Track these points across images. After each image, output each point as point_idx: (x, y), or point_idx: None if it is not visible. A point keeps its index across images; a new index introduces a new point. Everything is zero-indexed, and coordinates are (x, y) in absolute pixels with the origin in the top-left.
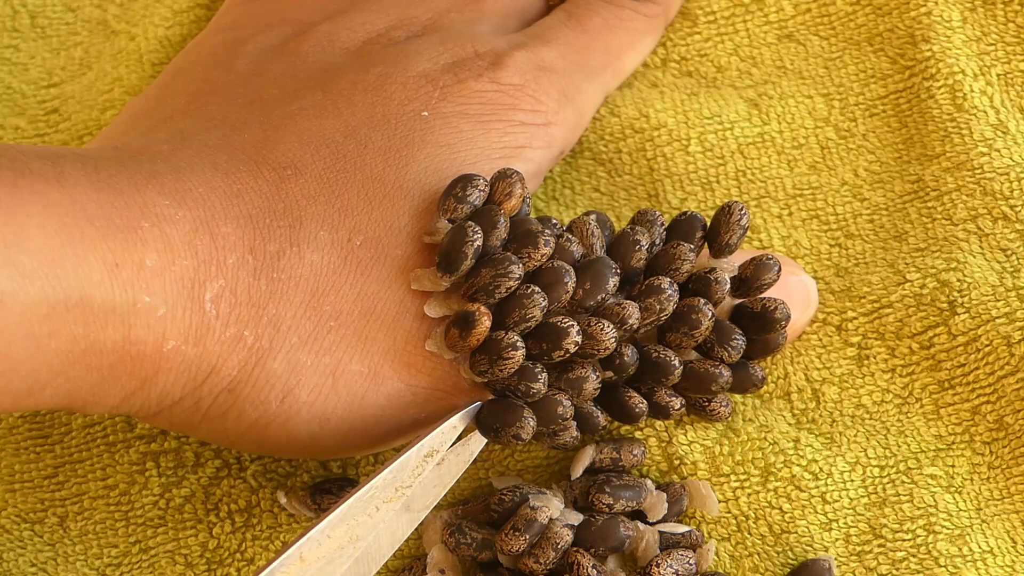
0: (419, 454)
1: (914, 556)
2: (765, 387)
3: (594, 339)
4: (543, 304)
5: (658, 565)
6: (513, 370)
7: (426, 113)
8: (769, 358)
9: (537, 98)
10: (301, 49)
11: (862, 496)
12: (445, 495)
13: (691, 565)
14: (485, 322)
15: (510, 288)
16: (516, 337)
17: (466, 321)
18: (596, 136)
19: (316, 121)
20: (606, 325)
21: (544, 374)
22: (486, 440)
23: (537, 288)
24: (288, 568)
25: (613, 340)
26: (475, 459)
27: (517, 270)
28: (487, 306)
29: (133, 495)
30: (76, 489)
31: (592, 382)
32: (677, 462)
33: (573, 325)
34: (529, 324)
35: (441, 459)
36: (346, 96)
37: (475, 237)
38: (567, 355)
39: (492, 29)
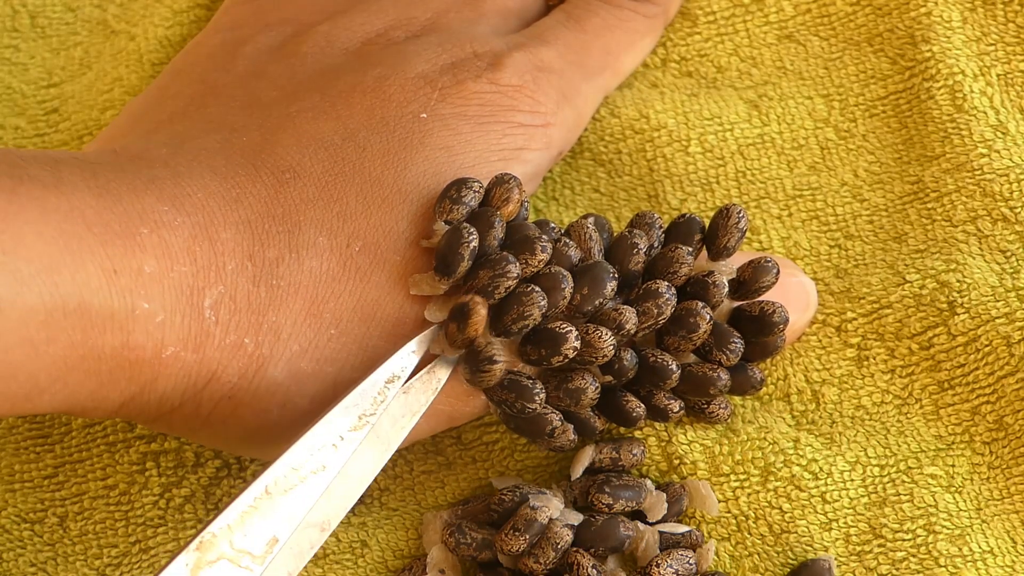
0: (380, 379)
1: (914, 556)
2: (765, 389)
3: (592, 346)
4: (542, 303)
5: (658, 565)
6: (492, 382)
7: (425, 115)
8: (768, 360)
9: (536, 99)
10: (300, 50)
11: (862, 496)
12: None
13: (691, 565)
14: (481, 311)
15: (509, 288)
16: (494, 350)
17: (461, 313)
18: (596, 137)
19: (314, 124)
20: (604, 332)
21: (541, 394)
22: (451, 368)
23: (537, 287)
24: (255, 503)
25: (611, 347)
26: (474, 459)
27: (515, 269)
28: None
29: (133, 495)
30: (76, 489)
31: (591, 392)
32: (677, 462)
33: (571, 331)
34: (527, 323)
35: (407, 387)
36: (344, 98)
37: (470, 238)
38: (565, 360)
39: (491, 30)
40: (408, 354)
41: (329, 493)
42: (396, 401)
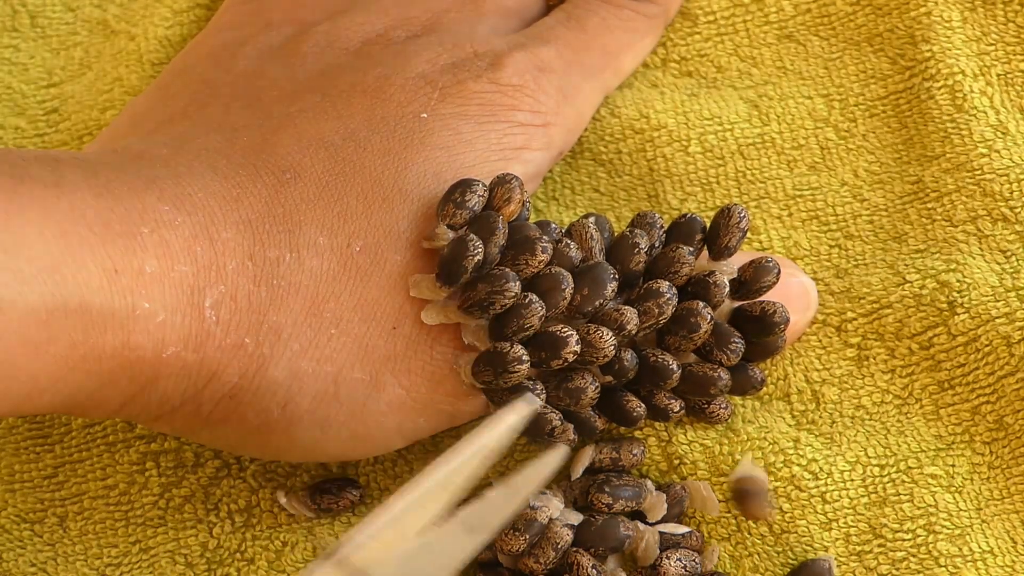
0: (476, 456)
1: (914, 556)
2: (765, 388)
3: (593, 347)
4: (541, 313)
5: (668, 558)
6: (518, 382)
7: (425, 115)
8: (768, 360)
9: (536, 99)
10: (300, 50)
11: (862, 496)
12: None
13: (696, 564)
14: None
15: (505, 305)
16: (521, 350)
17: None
18: (596, 136)
19: (315, 123)
20: (605, 332)
21: (542, 395)
22: (560, 461)
23: (535, 297)
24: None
25: (612, 347)
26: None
27: (513, 287)
28: (484, 319)
29: (133, 495)
30: (76, 489)
31: (591, 392)
32: (677, 462)
33: (572, 335)
34: (528, 332)
35: (511, 480)
36: (345, 98)
37: (476, 251)
38: (565, 364)
39: (491, 29)
40: (505, 428)
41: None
42: (499, 491)
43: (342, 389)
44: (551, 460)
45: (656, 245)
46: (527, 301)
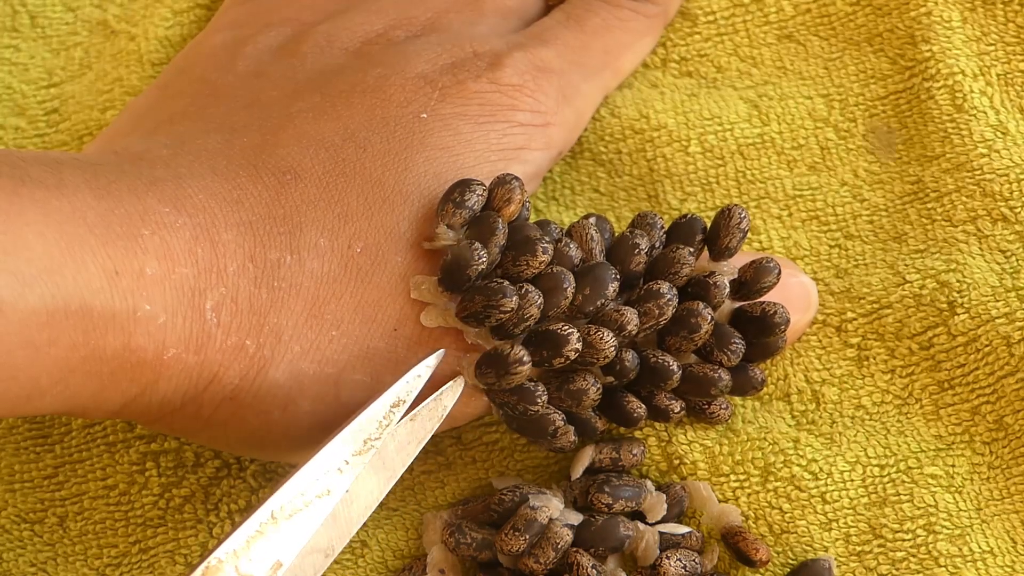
0: (385, 404)
1: (914, 556)
2: (765, 389)
3: (594, 347)
4: (539, 302)
5: (668, 558)
6: (520, 382)
7: (425, 115)
8: (769, 360)
9: (536, 99)
10: (300, 50)
11: (862, 496)
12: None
13: (696, 564)
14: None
15: (500, 320)
16: (522, 351)
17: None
18: (596, 137)
19: (315, 124)
20: (606, 333)
21: (544, 396)
22: (459, 394)
23: (531, 287)
24: (261, 528)
25: (613, 348)
26: (474, 459)
27: (509, 303)
28: (481, 329)
29: (133, 495)
30: (76, 489)
31: (592, 393)
32: (677, 462)
33: (573, 332)
34: (528, 323)
35: (414, 415)
36: (345, 98)
37: (480, 260)
38: (567, 362)
39: (491, 30)
40: (414, 378)
41: (334, 518)
42: (402, 428)
43: (343, 391)
44: (450, 394)
45: (656, 246)
46: (524, 291)
